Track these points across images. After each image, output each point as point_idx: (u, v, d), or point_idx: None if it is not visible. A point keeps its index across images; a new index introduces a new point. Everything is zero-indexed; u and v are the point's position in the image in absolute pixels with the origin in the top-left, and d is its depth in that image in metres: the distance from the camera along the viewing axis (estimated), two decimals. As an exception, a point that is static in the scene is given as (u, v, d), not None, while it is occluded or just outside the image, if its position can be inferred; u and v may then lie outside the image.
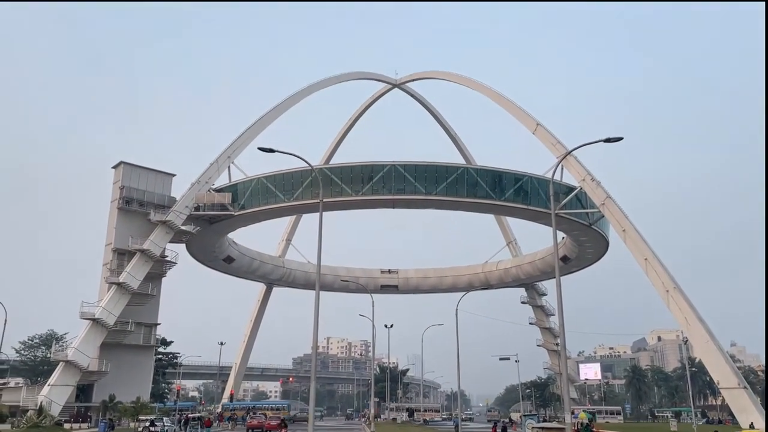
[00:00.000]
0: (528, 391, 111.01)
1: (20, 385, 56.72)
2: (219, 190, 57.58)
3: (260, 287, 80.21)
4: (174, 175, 58.91)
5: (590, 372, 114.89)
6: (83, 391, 51.67)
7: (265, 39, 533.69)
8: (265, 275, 73.86)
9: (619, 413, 79.26)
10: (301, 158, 29.72)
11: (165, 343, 74.09)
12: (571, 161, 54.37)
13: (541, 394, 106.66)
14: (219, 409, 72.31)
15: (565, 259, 65.26)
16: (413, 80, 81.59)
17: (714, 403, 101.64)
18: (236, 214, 56.02)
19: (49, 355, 61.24)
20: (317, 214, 30.59)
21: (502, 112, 60.86)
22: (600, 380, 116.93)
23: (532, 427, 35.39)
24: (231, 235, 64.26)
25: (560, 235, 62.35)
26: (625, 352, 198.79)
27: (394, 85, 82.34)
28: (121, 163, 56.65)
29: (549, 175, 53.15)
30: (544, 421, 48.22)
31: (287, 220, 78.98)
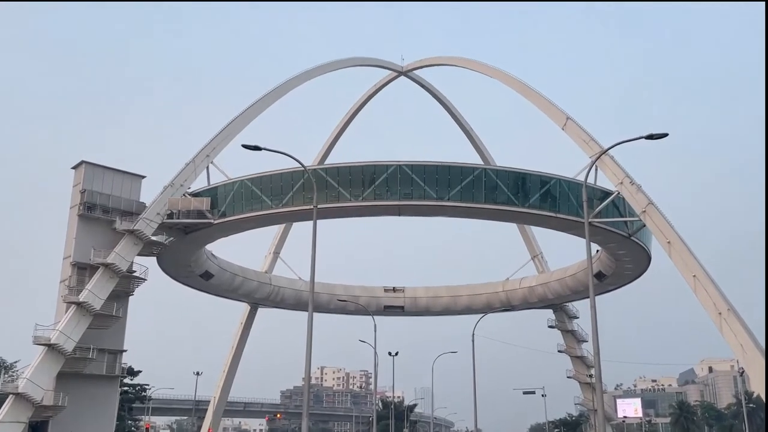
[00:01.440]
0: (557, 430, 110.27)
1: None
2: (196, 195, 57.48)
3: (243, 308, 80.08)
4: (144, 177, 58.63)
5: (630, 408, 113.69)
6: (36, 429, 51.07)
7: (259, 26, 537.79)
8: (249, 294, 73.69)
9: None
10: (291, 157, 29.70)
11: (132, 373, 73.53)
12: (607, 161, 54.09)
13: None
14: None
15: (600, 275, 65.15)
16: (422, 67, 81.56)
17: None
18: (215, 222, 55.88)
19: (-4, 387, 63.40)
20: (310, 222, 30.46)
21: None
22: (641, 418, 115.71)
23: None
24: (209, 247, 64.08)
25: (594, 247, 61.76)
26: (670, 385, 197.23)
27: (400, 73, 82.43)
28: (82, 162, 56.44)
29: (581, 178, 52.43)
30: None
31: (275, 230, 78.75)
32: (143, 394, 77.24)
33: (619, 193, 54.20)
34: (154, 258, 59.66)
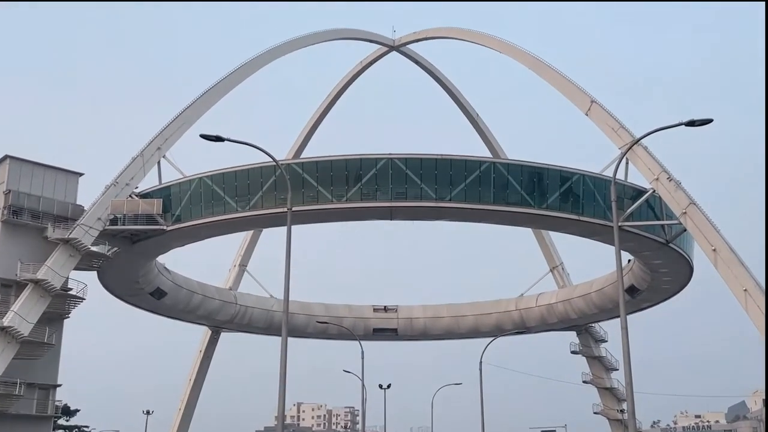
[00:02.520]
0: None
1: None
2: (145, 196, 57.37)
3: (203, 332, 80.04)
4: (81, 175, 58.30)
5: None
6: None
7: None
8: (209, 315, 73.47)
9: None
10: (260, 149, 29.36)
11: (68, 412, 72.94)
12: (640, 153, 54.12)
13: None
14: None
15: (632, 290, 65.06)
16: (417, 41, 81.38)
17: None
18: (169, 229, 55.70)
19: None
20: (284, 228, 30.41)
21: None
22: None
23: None
24: (162, 260, 64.03)
25: (625, 257, 61.72)
26: (717, 421, 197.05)
27: (391, 48, 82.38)
28: (6, 157, 56.09)
29: (609, 173, 52.75)
30: None
31: (241, 238, 78.68)
32: (82, 437, 79.72)
33: (654, 191, 54.21)
34: (95, 273, 59.11)
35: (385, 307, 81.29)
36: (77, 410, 74.46)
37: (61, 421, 69.84)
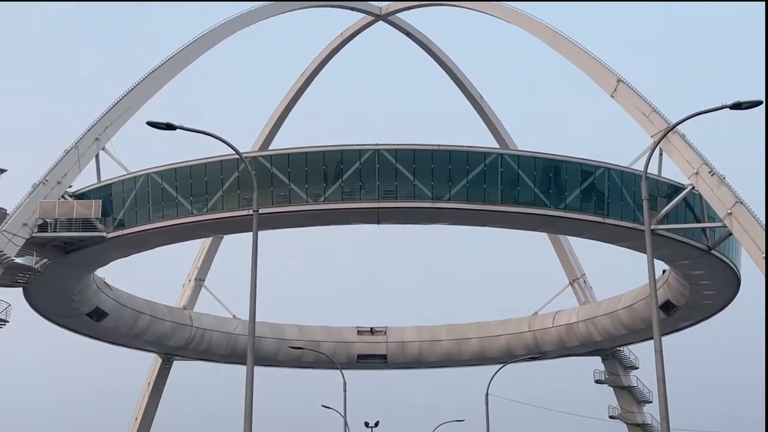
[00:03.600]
0: None
1: None
2: (81, 196, 56.84)
3: (152, 360, 79.52)
4: (4, 171, 57.73)
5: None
6: None
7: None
8: (159, 340, 73.19)
9: None
10: (220, 139, 29.36)
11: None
12: (676, 143, 53.98)
13: None
14: None
15: (668, 306, 65.29)
16: (409, 8, 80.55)
17: None
18: (109, 236, 55.09)
19: None
20: (249, 235, 30.15)
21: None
22: None
23: None
24: (101, 273, 63.76)
25: (659, 266, 61.81)
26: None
27: (378, 17, 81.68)
28: None
29: (639, 167, 52.23)
30: None
31: (197, 247, 78.67)
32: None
33: (693, 187, 54.13)
34: (20, 289, 58.37)
35: (371, 328, 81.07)
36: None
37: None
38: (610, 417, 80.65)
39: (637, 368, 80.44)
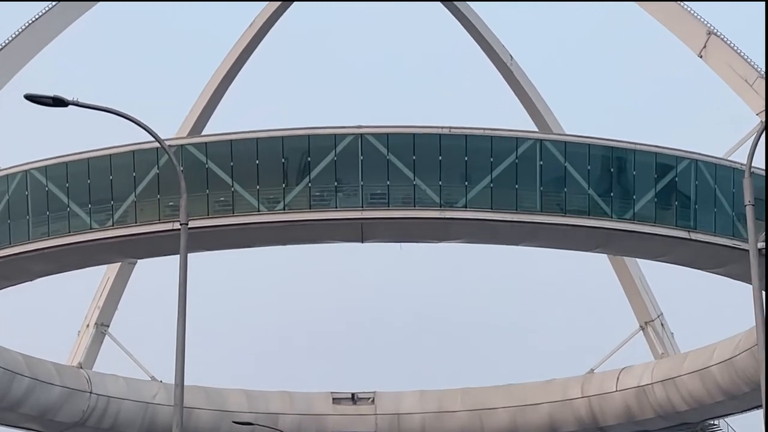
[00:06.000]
0: None
1: None
2: None
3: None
4: None
5: None
6: None
7: None
8: (44, 413, 71.06)
9: None
10: (132, 120, 28.34)
11: None
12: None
13: None
14: None
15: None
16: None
17: None
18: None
19: None
20: (175, 258, 29.33)
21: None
22: None
23: None
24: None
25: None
26: None
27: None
28: None
29: (740, 158, 52.48)
30: None
31: (99, 277, 78.97)
32: None
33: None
34: None
35: (353, 394, 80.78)
36: None
37: None
38: None
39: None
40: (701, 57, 56.89)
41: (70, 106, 26.80)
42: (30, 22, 61.41)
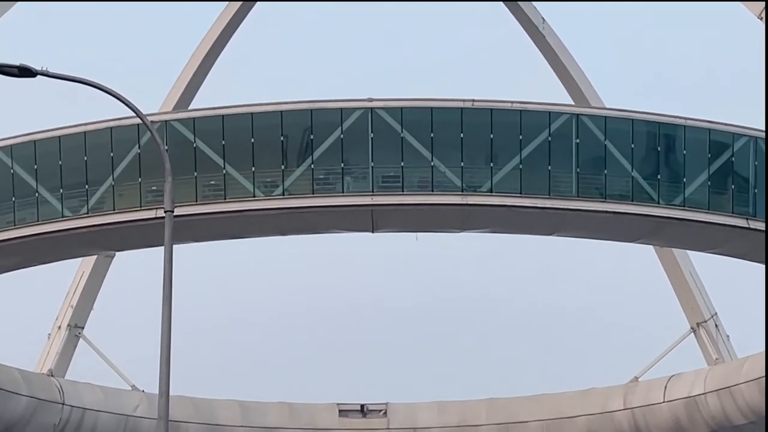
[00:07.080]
0: None
1: None
2: None
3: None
4: None
5: None
6: None
7: None
8: (8, 428, 72.93)
9: None
10: (110, 92, 29.25)
11: None
12: None
13: None
14: None
15: None
16: None
17: None
18: None
19: None
20: (158, 252, 31.02)
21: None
22: None
23: None
24: None
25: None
26: None
27: None
28: None
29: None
30: None
31: (72, 273, 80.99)
32: None
33: None
34: None
35: (362, 406, 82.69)
36: None
37: None
38: None
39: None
40: (762, 19, 57.24)
41: (38, 77, 27.24)
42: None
